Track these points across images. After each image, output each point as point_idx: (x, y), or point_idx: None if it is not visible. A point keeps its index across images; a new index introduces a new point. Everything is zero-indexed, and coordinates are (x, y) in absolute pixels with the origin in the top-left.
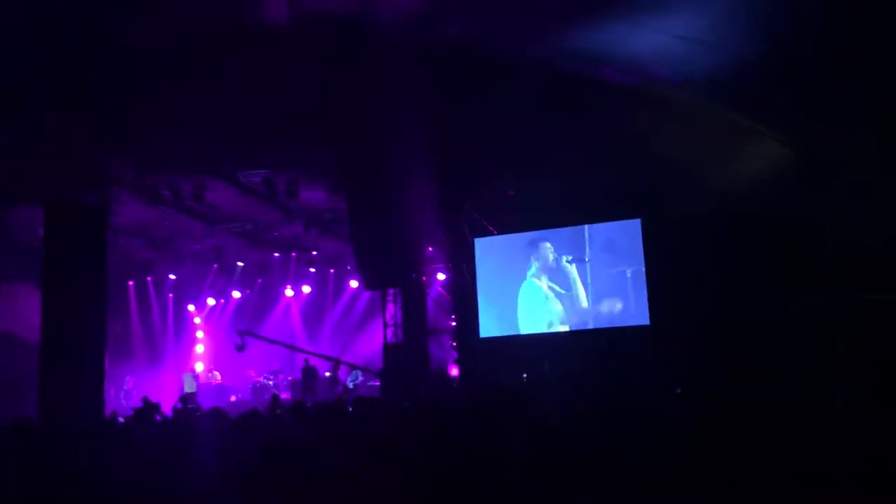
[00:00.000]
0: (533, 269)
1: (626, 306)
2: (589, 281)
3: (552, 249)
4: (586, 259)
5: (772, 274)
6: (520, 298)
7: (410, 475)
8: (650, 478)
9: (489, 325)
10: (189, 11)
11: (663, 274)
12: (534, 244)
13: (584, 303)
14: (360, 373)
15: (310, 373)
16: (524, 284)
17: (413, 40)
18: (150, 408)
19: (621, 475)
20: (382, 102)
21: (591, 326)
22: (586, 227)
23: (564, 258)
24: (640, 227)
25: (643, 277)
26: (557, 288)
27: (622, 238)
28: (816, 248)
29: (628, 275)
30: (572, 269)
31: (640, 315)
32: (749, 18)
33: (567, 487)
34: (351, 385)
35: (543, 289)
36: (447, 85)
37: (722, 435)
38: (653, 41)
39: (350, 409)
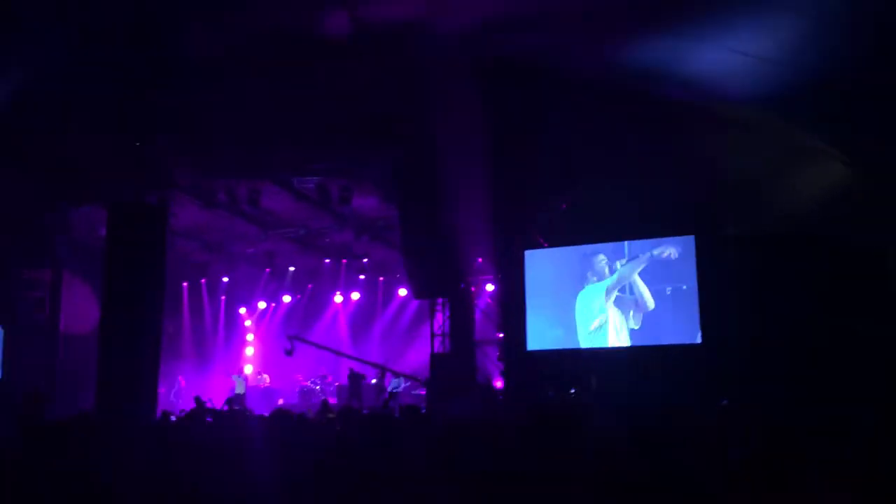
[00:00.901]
0: (591, 281)
1: (669, 325)
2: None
3: (606, 260)
4: (662, 288)
5: (829, 297)
6: (577, 308)
7: (457, 487)
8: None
9: (536, 338)
10: (253, 23)
11: (716, 293)
12: (587, 258)
13: (650, 303)
14: (402, 380)
15: (356, 379)
16: (582, 294)
17: (471, 53)
18: (202, 408)
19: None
20: (438, 113)
21: (638, 343)
22: (626, 243)
23: (619, 262)
24: (692, 244)
25: (687, 295)
26: (617, 293)
27: (670, 255)
28: (878, 272)
29: (668, 292)
30: (634, 277)
31: (681, 333)
32: (816, 36)
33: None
34: (392, 391)
35: (602, 297)
36: (504, 97)
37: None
38: (716, 58)
39: (397, 416)
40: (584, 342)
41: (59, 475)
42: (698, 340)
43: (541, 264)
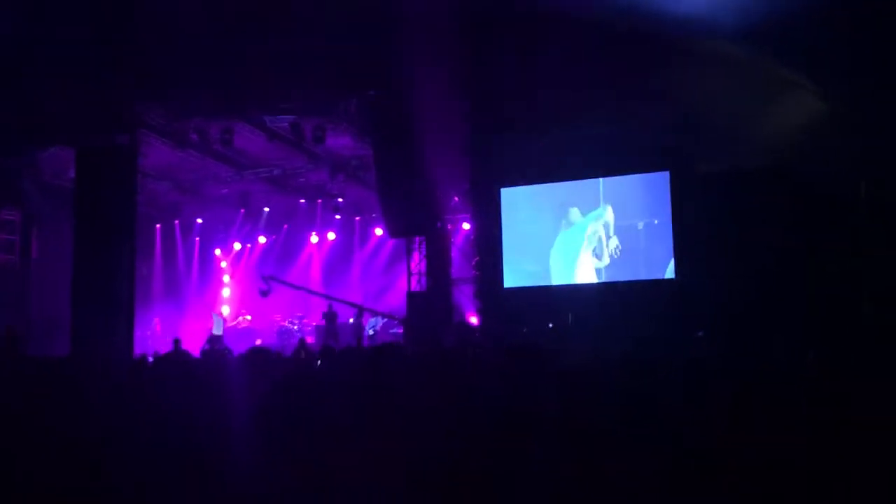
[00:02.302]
0: (576, 224)
1: (640, 259)
2: (612, 233)
3: (579, 212)
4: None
5: (802, 230)
6: (555, 249)
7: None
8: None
9: (513, 276)
10: None
11: (691, 228)
12: (563, 208)
13: (617, 266)
14: (380, 319)
15: (332, 318)
16: (562, 235)
17: None
18: (179, 350)
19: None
20: (411, 49)
21: (613, 279)
22: (601, 179)
23: (614, 219)
24: (667, 180)
25: (659, 232)
26: (596, 244)
27: (642, 191)
28: (849, 205)
29: (640, 227)
30: (599, 228)
31: (655, 269)
32: None
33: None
34: (370, 331)
35: (581, 243)
36: (478, 34)
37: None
38: None
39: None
40: (560, 279)
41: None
42: (672, 275)
43: (517, 202)
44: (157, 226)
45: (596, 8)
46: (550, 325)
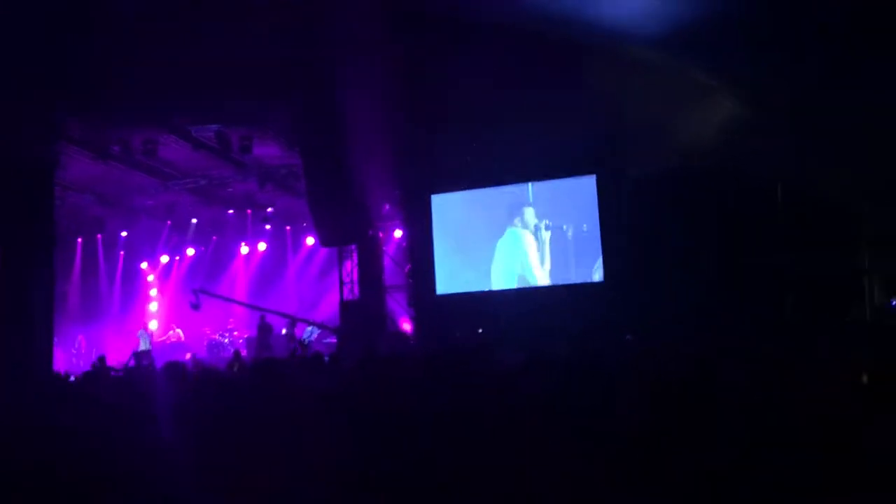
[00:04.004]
0: (511, 229)
1: (569, 264)
2: (542, 236)
3: (532, 212)
4: (563, 228)
5: (725, 230)
6: (497, 253)
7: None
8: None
9: (445, 282)
10: None
11: (618, 230)
12: (513, 205)
13: (547, 271)
14: (315, 329)
15: (265, 329)
16: (500, 242)
17: None
18: (104, 367)
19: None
20: (336, 57)
21: (545, 283)
22: (530, 184)
23: (544, 223)
24: (593, 183)
25: (588, 235)
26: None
27: (570, 195)
28: (767, 205)
29: (570, 234)
30: (546, 235)
31: (584, 272)
32: None
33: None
34: (305, 341)
35: (517, 247)
36: (403, 40)
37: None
38: None
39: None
40: (497, 284)
41: None
42: (600, 278)
43: (449, 208)
44: (79, 240)
45: (522, 13)
46: (480, 331)
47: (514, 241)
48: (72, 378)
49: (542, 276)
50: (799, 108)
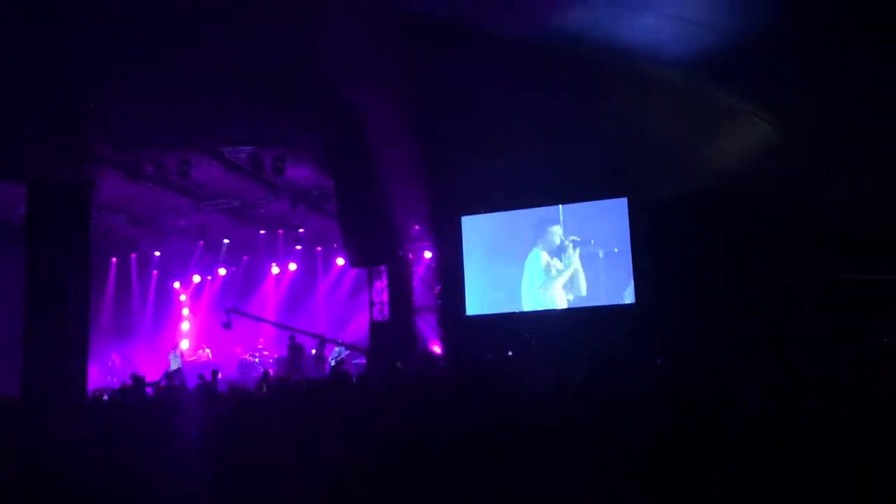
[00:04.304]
0: (538, 250)
1: (601, 286)
2: (574, 261)
3: (560, 233)
4: (594, 250)
5: (751, 252)
6: (525, 275)
7: (385, 448)
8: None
9: (475, 303)
10: None
11: (648, 252)
12: (541, 226)
13: (583, 287)
14: (343, 349)
15: (296, 350)
16: (526, 263)
17: (396, 21)
18: (138, 385)
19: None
20: (367, 82)
21: (577, 305)
22: (561, 206)
23: (571, 238)
24: (625, 206)
25: (619, 257)
26: (560, 267)
27: (600, 217)
28: (795, 227)
29: (601, 255)
30: (575, 253)
31: (615, 294)
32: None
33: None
34: (333, 362)
35: (546, 267)
36: (433, 65)
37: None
38: (644, 21)
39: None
40: (527, 305)
41: None
42: (632, 300)
43: (478, 230)
44: (114, 259)
45: (552, 36)
46: (510, 353)
47: (541, 263)
48: (105, 397)
49: (569, 298)
50: (825, 131)
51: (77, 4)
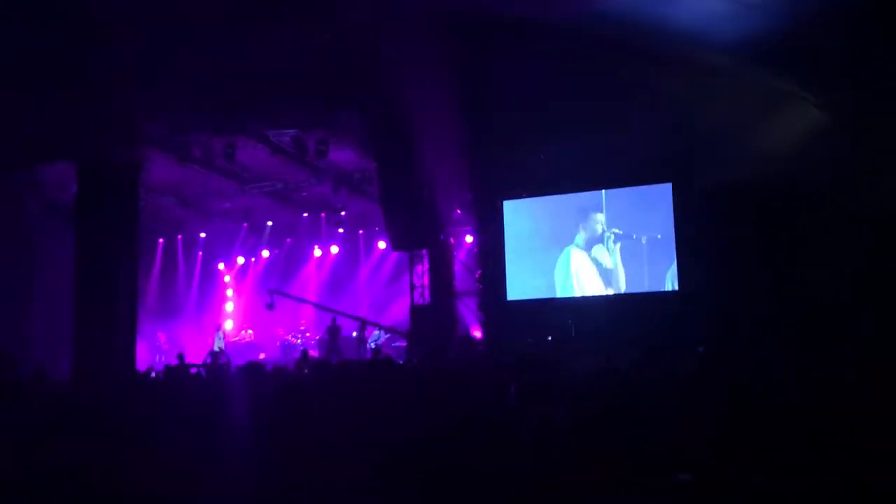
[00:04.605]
0: (579, 237)
1: (644, 273)
2: (613, 244)
3: (602, 221)
4: (635, 237)
5: (802, 241)
6: (559, 262)
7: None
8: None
9: (516, 288)
10: None
11: (693, 239)
12: (584, 212)
13: (622, 280)
14: (382, 333)
15: (335, 332)
16: (567, 250)
17: (443, 4)
18: (184, 364)
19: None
20: (411, 64)
21: (616, 291)
22: (603, 191)
23: (616, 231)
24: (670, 192)
25: (661, 243)
26: (601, 258)
27: (644, 203)
28: (850, 214)
29: (643, 241)
30: (616, 247)
31: (656, 281)
32: None
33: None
34: (373, 345)
35: (585, 257)
36: (476, 48)
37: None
38: (694, 5)
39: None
40: (566, 292)
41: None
42: (672, 286)
43: (520, 215)
44: (161, 240)
45: (595, 20)
46: (549, 338)
47: (581, 250)
48: (153, 374)
49: (609, 284)
50: (872, 118)
51: None
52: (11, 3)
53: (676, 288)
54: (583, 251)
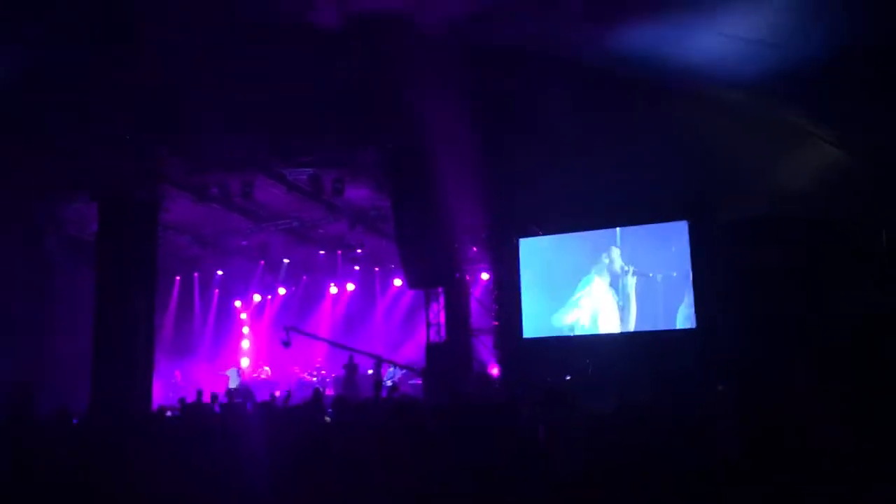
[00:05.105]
0: (595, 274)
1: (658, 310)
2: (629, 282)
3: (617, 258)
4: (650, 274)
5: (822, 276)
6: (575, 300)
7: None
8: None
9: (532, 326)
10: (242, 13)
11: (710, 278)
12: (599, 250)
13: (636, 317)
14: (398, 370)
15: (352, 369)
16: (582, 286)
17: (459, 42)
18: (201, 402)
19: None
20: (427, 102)
21: (632, 329)
22: (619, 229)
23: (632, 269)
24: (685, 230)
25: (676, 281)
26: (614, 296)
27: (659, 241)
28: (869, 251)
29: (659, 280)
30: (632, 281)
31: (671, 319)
32: (809, 17)
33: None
34: (388, 383)
35: (601, 294)
36: (493, 85)
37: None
38: (709, 43)
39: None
40: (580, 329)
41: (50, 468)
42: (686, 325)
43: (536, 252)
44: (178, 278)
45: (612, 56)
46: (568, 378)
47: (597, 286)
48: (168, 413)
49: (624, 322)
50: (889, 154)
51: (153, 28)
52: (36, 40)
53: (691, 325)
54: (598, 288)
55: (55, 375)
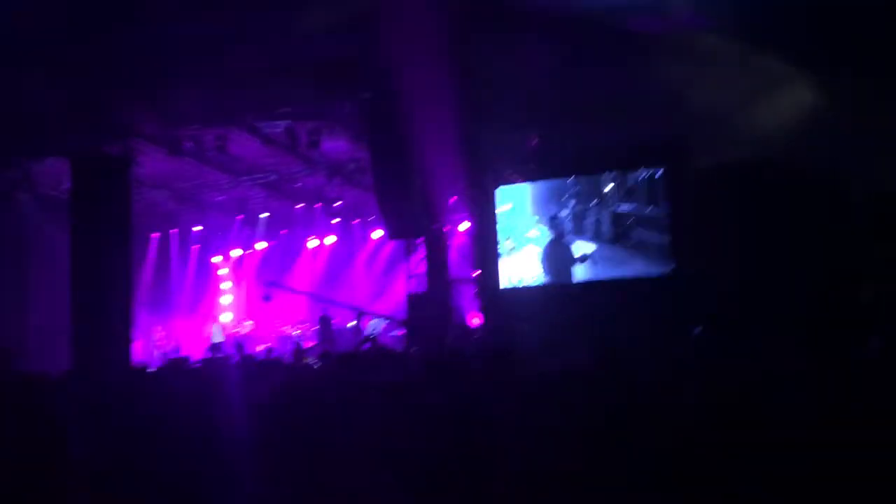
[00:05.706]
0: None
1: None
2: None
3: (594, 205)
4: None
5: (798, 224)
6: (551, 249)
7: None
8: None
9: (510, 276)
10: None
11: (688, 222)
12: (577, 197)
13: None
14: (380, 322)
15: (326, 322)
16: (558, 235)
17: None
18: (181, 358)
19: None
20: (403, 50)
21: (610, 276)
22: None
23: (605, 213)
24: (663, 176)
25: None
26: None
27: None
28: (845, 197)
29: (637, 225)
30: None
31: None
32: None
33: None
34: (371, 334)
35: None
36: (470, 34)
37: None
38: None
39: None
40: (558, 277)
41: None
42: (668, 272)
43: (513, 200)
44: (155, 235)
45: (586, 4)
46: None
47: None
48: (149, 369)
49: (602, 268)
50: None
51: None
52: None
53: (671, 272)
54: (574, 236)
55: (34, 333)
